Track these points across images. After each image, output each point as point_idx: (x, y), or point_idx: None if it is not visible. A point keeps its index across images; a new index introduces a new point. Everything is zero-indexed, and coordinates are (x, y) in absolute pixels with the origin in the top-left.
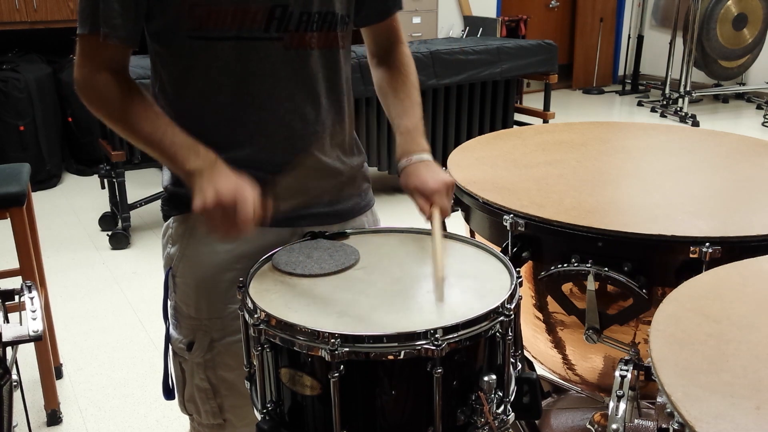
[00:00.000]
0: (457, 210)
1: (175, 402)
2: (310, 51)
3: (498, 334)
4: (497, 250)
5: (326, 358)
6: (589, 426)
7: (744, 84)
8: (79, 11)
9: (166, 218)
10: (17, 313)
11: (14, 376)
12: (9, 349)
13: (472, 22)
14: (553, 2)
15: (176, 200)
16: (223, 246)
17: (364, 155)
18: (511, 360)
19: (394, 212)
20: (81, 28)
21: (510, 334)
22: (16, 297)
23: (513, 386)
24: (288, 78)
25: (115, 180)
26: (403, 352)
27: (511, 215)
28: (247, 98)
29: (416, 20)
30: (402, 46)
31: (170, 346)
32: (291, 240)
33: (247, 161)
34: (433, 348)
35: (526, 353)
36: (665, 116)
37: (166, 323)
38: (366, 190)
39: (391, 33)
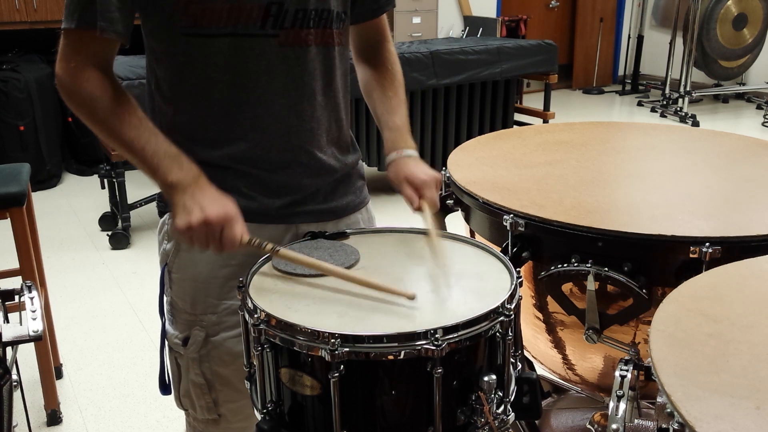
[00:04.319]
0: (457, 210)
1: (175, 401)
2: (306, 48)
3: (498, 334)
4: (497, 250)
5: (326, 358)
6: (589, 426)
7: (744, 84)
8: (66, 5)
9: (161, 215)
10: (17, 313)
11: (14, 376)
12: (9, 349)
13: (472, 22)
14: (553, 2)
15: None
16: None
17: (359, 153)
18: (511, 360)
19: (394, 212)
20: (67, 23)
21: (510, 334)
22: (16, 297)
23: (513, 386)
24: (284, 75)
25: (115, 180)
26: (403, 352)
27: (511, 215)
28: (242, 95)
29: (416, 20)
30: (388, 44)
31: (166, 342)
32: (285, 237)
33: (242, 157)
34: (433, 348)
35: (526, 353)
36: (665, 116)
37: (162, 319)
38: (361, 188)
39: (379, 31)
